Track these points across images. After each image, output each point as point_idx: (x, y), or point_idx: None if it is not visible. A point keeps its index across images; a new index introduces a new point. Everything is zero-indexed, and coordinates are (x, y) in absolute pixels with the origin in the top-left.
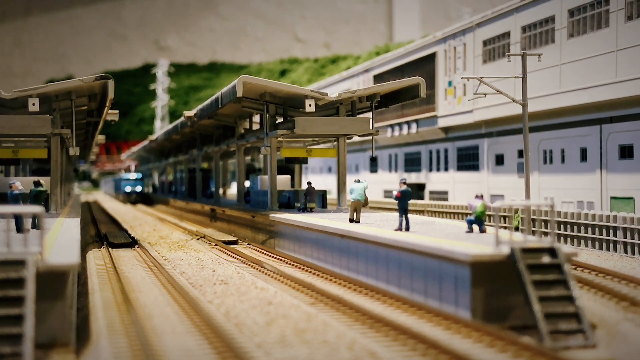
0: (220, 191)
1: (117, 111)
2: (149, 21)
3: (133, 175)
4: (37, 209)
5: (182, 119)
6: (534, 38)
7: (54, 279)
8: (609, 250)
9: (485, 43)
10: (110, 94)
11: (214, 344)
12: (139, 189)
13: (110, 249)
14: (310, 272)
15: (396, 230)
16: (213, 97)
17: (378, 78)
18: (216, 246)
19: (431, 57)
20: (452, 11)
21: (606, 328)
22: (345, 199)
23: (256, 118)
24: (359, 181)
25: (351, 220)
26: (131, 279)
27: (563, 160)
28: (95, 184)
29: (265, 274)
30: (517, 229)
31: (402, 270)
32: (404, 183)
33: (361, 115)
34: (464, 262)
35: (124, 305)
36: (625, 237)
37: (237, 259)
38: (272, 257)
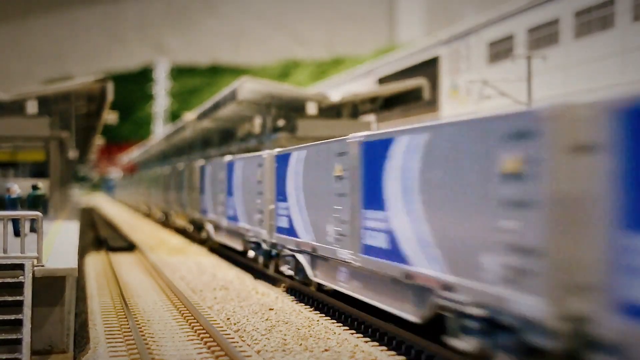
0: None
1: (116, 113)
2: (148, 22)
3: None
4: (35, 212)
5: (182, 121)
6: (539, 39)
7: (51, 283)
8: None
9: (490, 44)
10: (109, 96)
11: (214, 351)
12: None
13: (109, 253)
14: None
15: None
16: (214, 100)
17: (381, 80)
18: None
19: (435, 59)
20: (454, 11)
21: None
22: None
23: (257, 120)
24: None
25: None
26: (130, 283)
27: None
28: (95, 186)
29: (266, 279)
30: None
31: None
32: None
33: (364, 117)
34: None
35: (122, 311)
36: None
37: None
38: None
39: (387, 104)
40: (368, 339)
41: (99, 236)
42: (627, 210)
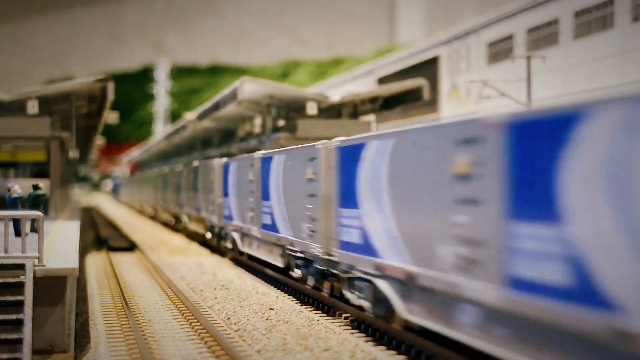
0: None
1: (117, 113)
2: (149, 23)
3: None
4: (36, 212)
5: (183, 121)
6: (539, 39)
7: (52, 283)
8: None
9: (489, 45)
10: (110, 96)
11: (215, 350)
12: None
13: (109, 253)
14: None
15: None
16: (214, 100)
17: (381, 80)
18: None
19: (435, 59)
20: (455, 12)
21: None
22: None
23: (258, 120)
24: None
25: None
26: (130, 283)
27: None
28: (96, 186)
29: (267, 279)
30: None
31: None
32: None
33: (364, 118)
34: None
35: (123, 311)
36: None
37: (239, 263)
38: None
39: (387, 104)
40: (368, 339)
41: (100, 236)
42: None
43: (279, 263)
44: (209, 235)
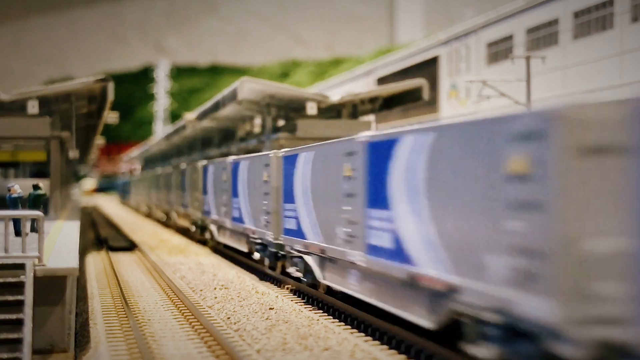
0: None
1: (117, 113)
2: (149, 23)
3: None
4: (36, 212)
5: (182, 121)
6: (538, 39)
7: (52, 283)
8: None
9: (489, 45)
10: (110, 96)
11: (214, 350)
12: None
13: (109, 253)
14: None
15: None
16: (214, 100)
17: (381, 80)
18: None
19: (434, 59)
20: (454, 12)
21: None
22: None
23: (257, 120)
24: None
25: None
26: (130, 283)
27: None
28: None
29: (267, 278)
30: None
31: None
32: None
33: (364, 118)
34: None
35: (123, 310)
36: None
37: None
38: None
39: (386, 104)
40: (368, 338)
41: (100, 236)
42: None
43: None
44: (387, 308)
